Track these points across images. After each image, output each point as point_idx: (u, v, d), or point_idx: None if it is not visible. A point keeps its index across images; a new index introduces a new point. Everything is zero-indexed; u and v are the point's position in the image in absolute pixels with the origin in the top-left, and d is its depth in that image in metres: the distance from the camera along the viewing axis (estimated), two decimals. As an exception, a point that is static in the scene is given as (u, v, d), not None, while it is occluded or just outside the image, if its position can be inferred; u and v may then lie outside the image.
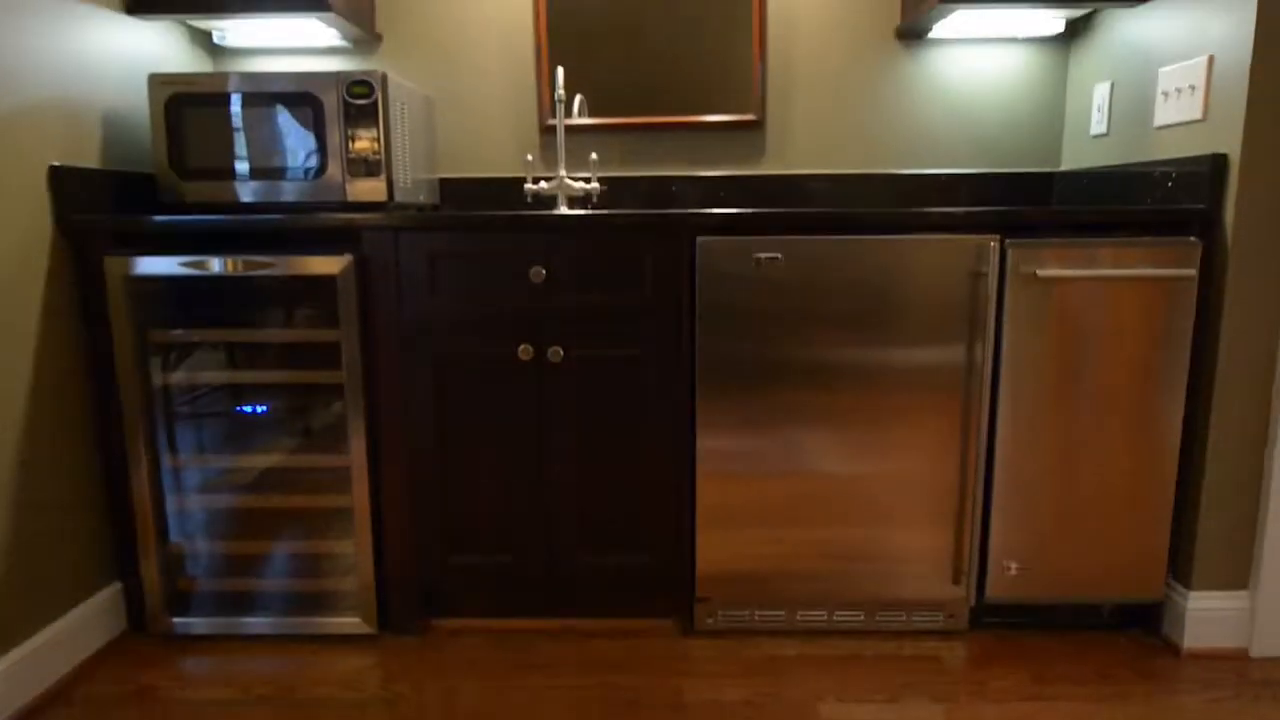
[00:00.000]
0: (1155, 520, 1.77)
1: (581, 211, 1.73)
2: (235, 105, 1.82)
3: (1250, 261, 1.64)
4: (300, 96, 1.81)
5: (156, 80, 1.82)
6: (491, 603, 1.91)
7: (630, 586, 1.88)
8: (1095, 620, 1.88)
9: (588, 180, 2.31)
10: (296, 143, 1.83)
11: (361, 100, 1.81)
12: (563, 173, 2.14)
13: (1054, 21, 2.17)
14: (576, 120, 2.26)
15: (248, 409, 1.85)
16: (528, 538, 1.84)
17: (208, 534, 1.86)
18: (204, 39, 2.26)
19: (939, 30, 2.19)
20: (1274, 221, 1.63)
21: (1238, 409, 1.70)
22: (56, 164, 1.69)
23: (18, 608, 1.62)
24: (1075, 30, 2.24)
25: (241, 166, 1.85)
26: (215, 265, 1.72)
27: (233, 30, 2.20)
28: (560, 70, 2.09)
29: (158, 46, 2.06)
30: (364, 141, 1.83)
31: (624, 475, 1.81)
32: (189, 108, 1.83)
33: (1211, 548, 1.75)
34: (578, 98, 2.12)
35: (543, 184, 2.15)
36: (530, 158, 2.29)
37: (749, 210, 1.70)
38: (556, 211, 1.74)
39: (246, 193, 1.86)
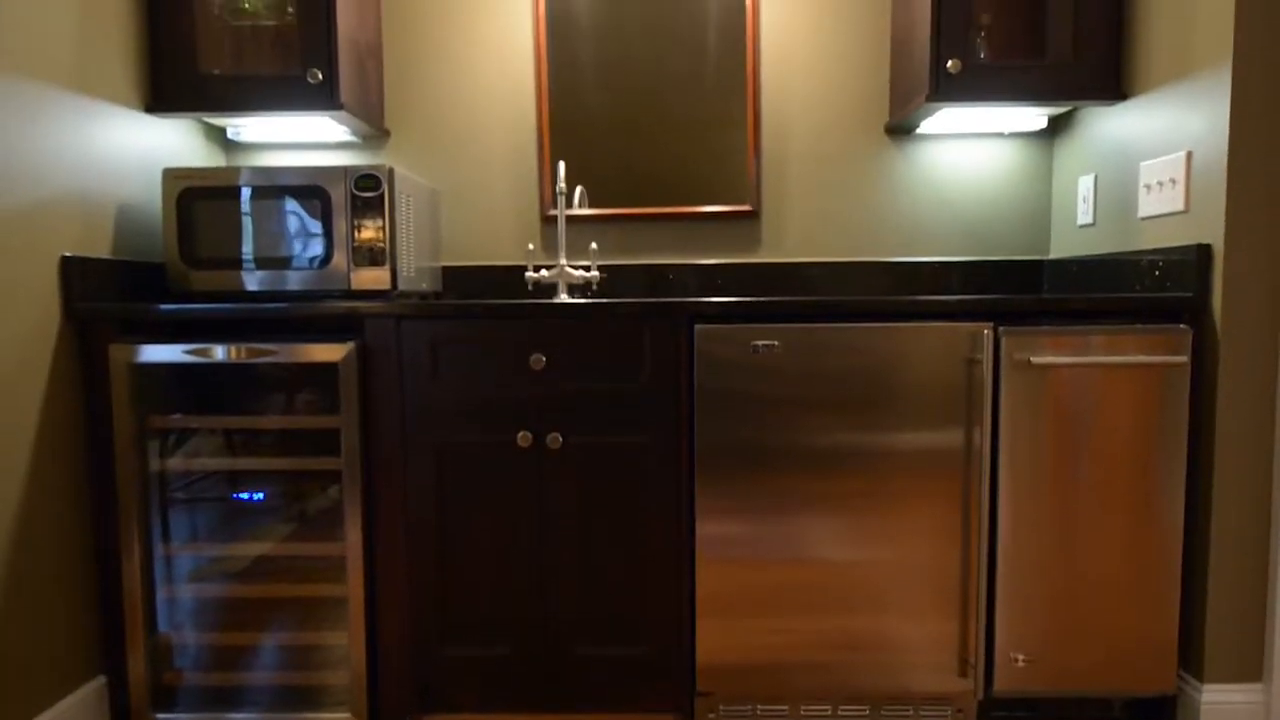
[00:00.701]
0: (1163, 609, 1.74)
1: (581, 300, 1.76)
2: (245, 198, 1.88)
3: (1241, 348, 1.66)
4: (309, 189, 1.87)
5: (170, 174, 1.88)
6: (489, 696, 1.86)
7: (631, 679, 1.83)
8: (1107, 714, 1.82)
9: (587, 268, 2.36)
10: (303, 233, 1.88)
11: (368, 193, 1.86)
12: (563, 261, 2.19)
13: (1037, 118, 2.26)
14: (577, 211, 2.32)
15: (244, 495, 1.84)
16: (527, 628, 1.81)
17: (196, 624, 1.82)
18: (218, 134, 2.34)
19: (926, 126, 2.27)
20: (1261, 309, 1.66)
21: (1239, 494, 1.69)
22: (68, 254, 1.73)
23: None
24: (1058, 126, 2.32)
25: (249, 256, 1.89)
26: (219, 353, 1.74)
27: (247, 127, 2.28)
28: (561, 164, 2.16)
29: (173, 141, 2.13)
30: (369, 232, 1.87)
31: (624, 563, 1.79)
32: (201, 200, 1.88)
33: (1222, 638, 1.72)
34: (578, 189, 2.19)
35: (544, 272, 2.19)
36: (532, 247, 2.35)
37: (746, 299, 1.74)
38: (556, 300, 1.77)
39: (253, 281, 1.90)
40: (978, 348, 1.71)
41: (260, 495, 1.83)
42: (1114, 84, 2.00)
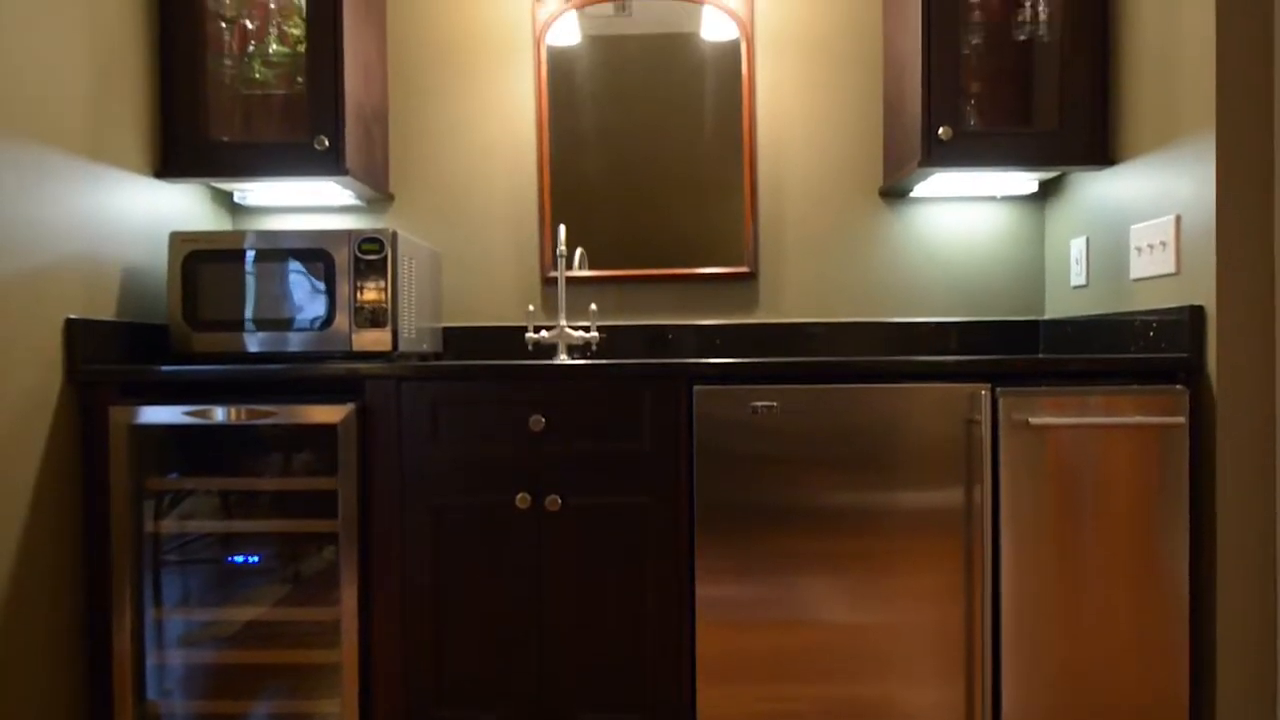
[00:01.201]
0: (1172, 673, 1.70)
1: (580, 361, 1.77)
2: (250, 261, 1.90)
3: (1238, 408, 1.67)
4: (313, 253, 1.90)
5: (177, 238, 1.91)
6: (481, 768, 1.81)
7: (628, 749, 1.78)
8: (1121, 786, 1.77)
9: (587, 329, 2.38)
10: (306, 295, 1.90)
11: (371, 256, 1.89)
12: (563, 322, 2.21)
13: (1028, 183, 2.31)
14: (577, 272, 2.35)
15: (239, 559, 1.82)
16: (525, 694, 1.77)
17: (186, 691, 1.79)
18: (225, 198, 2.38)
19: (920, 190, 2.32)
20: (1256, 369, 1.67)
21: (1244, 555, 1.68)
22: (72, 317, 1.75)
23: (-20, 776, 1.54)
24: (1049, 190, 2.37)
25: (252, 318, 1.91)
26: (219, 414, 1.74)
27: (254, 191, 2.32)
28: (562, 228, 2.19)
29: (180, 205, 2.17)
30: (371, 294, 1.90)
31: (624, 627, 1.76)
32: (206, 263, 1.91)
33: (1234, 703, 1.68)
34: (578, 251, 2.22)
35: (544, 333, 2.21)
36: (532, 308, 2.37)
37: (745, 360, 1.75)
38: (555, 361, 1.79)
39: (254, 343, 1.91)
40: (976, 408, 1.71)
41: (255, 559, 1.82)
42: (1101, 150, 2.04)
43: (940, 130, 2.01)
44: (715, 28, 2.38)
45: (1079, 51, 2.04)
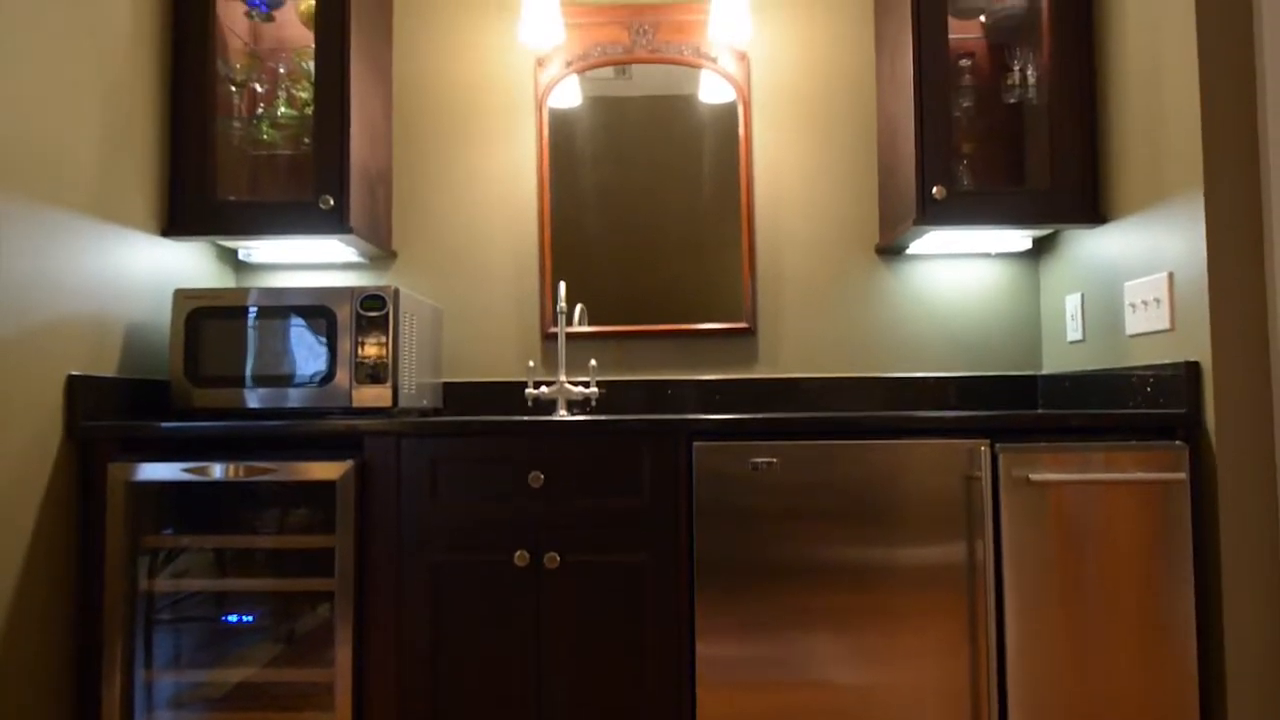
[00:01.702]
0: (1184, 738, 1.67)
1: (580, 417, 1.77)
2: (253, 318, 1.92)
3: (1238, 463, 1.67)
4: (315, 309, 1.91)
5: (181, 295, 1.93)
6: (477, 837, 1.76)
7: (628, 817, 1.73)
8: None
9: (587, 384, 2.39)
10: (308, 352, 1.91)
11: (373, 313, 1.91)
12: (563, 378, 2.22)
13: (1021, 240, 2.34)
14: (577, 328, 2.37)
15: (233, 618, 1.80)
16: (518, 761, 1.73)
17: (176, 757, 1.75)
18: (229, 255, 2.41)
19: (915, 247, 2.35)
20: (1255, 424, 1.67)
21: (1251, 610, 1.66)
22: (75, 373, 1.76)
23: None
24: (1043, 247, 2.40)
25: (253, 374, 1.91)
26: (217, 471, 1.74)
27: (259, 248, 2.35)
28: (562, 284, 2.22)
29: (185, 262, 2.20)
30: (373, 350, 1.91)
31: (623, 687, 1.73)
32: (209, 319, 1.92)
33: (1248, 770, 1.64)
34: (578, 307, 2.24)
35: (543, 388, 2.22)
36: (532, 363, 2.38)
37: (745, 416, 1.75)
38: (555, 417, 1.79)
39: (254, 399, 1.91)
40: (976, 464, 1.71)
41: (249, 617, 1.79)
42: (1092, 209, 2.08)
43: (934, 190, 2.05)
44: (713, 90, 2.44)
45: (1067, 113, 2.09)
